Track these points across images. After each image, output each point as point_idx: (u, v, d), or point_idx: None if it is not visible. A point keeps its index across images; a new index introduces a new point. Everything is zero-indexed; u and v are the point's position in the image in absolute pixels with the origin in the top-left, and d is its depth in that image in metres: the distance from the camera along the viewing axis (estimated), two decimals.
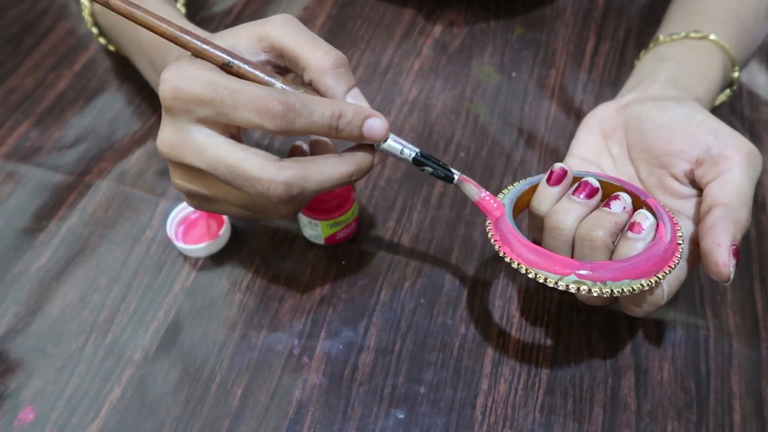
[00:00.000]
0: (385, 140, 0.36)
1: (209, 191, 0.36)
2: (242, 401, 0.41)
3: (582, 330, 0.44)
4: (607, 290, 0.33)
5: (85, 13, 0.53)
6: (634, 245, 0.35)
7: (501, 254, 0.36)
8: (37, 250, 0.48)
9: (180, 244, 0.46)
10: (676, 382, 0.42)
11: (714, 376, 0.42)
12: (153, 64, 0.47)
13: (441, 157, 0.53)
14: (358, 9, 0.64)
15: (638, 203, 0.37)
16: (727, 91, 0.51)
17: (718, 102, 0.51)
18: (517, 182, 0.40)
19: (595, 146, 0.43)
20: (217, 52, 0.33)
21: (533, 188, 0.39)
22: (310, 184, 0.34)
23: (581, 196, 0.36)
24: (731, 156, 0.37)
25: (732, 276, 0.35)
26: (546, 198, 0.38)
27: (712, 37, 0.47)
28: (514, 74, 0.59)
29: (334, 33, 0.62)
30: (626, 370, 0.42)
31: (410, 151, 0.36)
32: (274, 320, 0.44)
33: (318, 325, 0.44)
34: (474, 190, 0.38)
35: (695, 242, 0.38)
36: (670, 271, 0.34)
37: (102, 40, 0.55)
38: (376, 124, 0.34)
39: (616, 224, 0.35)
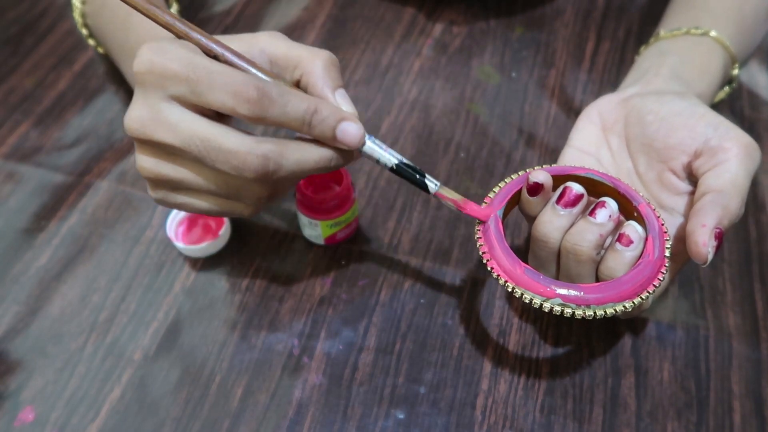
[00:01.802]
0: (361, 146, 0.35)
1: (178, 175, 0.34)
2: (242, 401, 0.41)
3: (582, 330, 0.44)
4: (590, 313, 0.34)
5: (76, 14, 0.52)
6: (622, 258, 0.35)
7: (489, 269, 0.36)
8: (37, 250, 0.48)
9: (180, 244, 0.46)
10: (676, 382, 0.42)
11: (714, 376, 0.42)
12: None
13: (441, 157, 0.53)
14: (358, 9, 0.64)
15: (629, 207, 0.37)
16: (726, 89, 0.51)
17: (717, 99, 0.51)
18: (509, 178, 0.39)
19: (594, 138, 0.43)
20: (209, 43, 0.33)
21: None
22: (287, 162, 0.33)
23: (565, 206, 0.36)
24: (730, 148, 0.37)
25: (710, 258, 0.34)
26: (529, 204, 0.37)
27: (713, 33, 0.47)
28: (514, 74, 0.59)
29: (334, 33, 0.62)
30: (626, 370, 0.42)
31: (387, 161, 0.35)
32: (274, 320, 0.44)
33: (318, 325, 0.44)
34: (452, 206, 0.37)
35: (683, 240, 0.37)
36: (654, 290, 0.34)
37: (92, 42, 0.54)
38: (350, 129, 0.34)
39: (601, 236, 0.35)
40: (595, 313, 0.34)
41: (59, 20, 0.63)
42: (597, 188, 0.37)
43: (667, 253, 0.35)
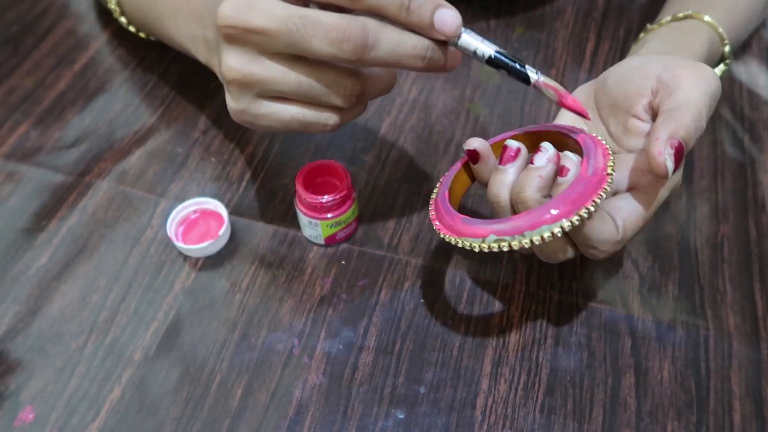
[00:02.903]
0: (458, 36, 0.34)
1: (268, 73, 0.33)
2: (242, 401, 0.41)
3: (582, 330, 0.44)
4: (526, 241, 0.33)
5: None
6: (564, 187, 0.35)
7: (436, 229, 0.37)
8: (37, 250, 0.48)
9: (180, 244, 0.46)
10: (676, 382, 0.42)
11: (714, 376, 0.42)
12: (197, 16, 0.45)
13: (441, 157, 0.53)
14: None
15: (571, 143, 0.37)
16: (722, 67, 0.51)
17: None
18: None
19: (570, 121, 0.43)
20: None
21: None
22: (386, 39, 0.32)
23: (506, 162, 0.37)
24: (680, 75, 0.37)
25: (670, 168, 0.34)
26: (476, 172, 0.39)
27: (696, 14, 0.48)
28: None
29: None
30: (626, 370, 0.42)
31: (484, 51, 0.35)
32: (274, 320, 0.44)
33: (318, 325, 0.44)
34: (554, 95, 0.36)
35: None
36: (593, 205, 0.33)
37: (123, 20, 0.54)
38: (447, 16, 0.33)
39: (541, 177, 0.35)
40: (531, 240, 0.33)
41: (59, 20, 0.63)
42: (541, 139, 0.38)
43: (609, 170, 0.34)
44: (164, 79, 0.58)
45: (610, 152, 0.35)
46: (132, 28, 0.56)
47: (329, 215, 0.45)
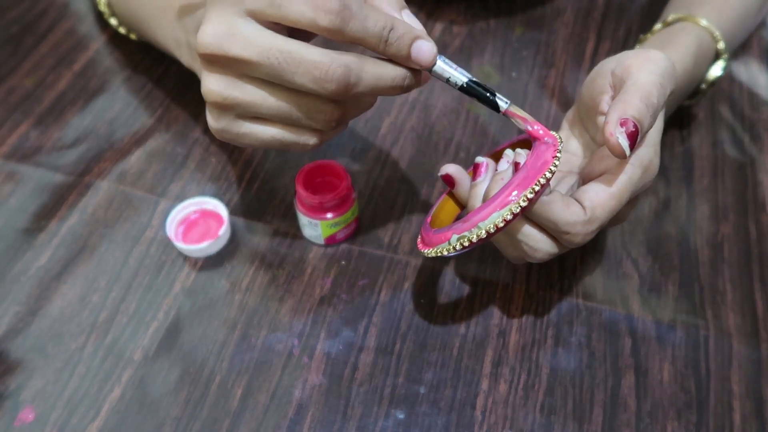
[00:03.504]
0: (433, 65, 0.35)
1: (248, 97, 0.33)
2: (242, 401, 0.41)
3: (582, 330, 0.44)
4: (482, 232, 0.35)
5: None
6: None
7: (419, 249, 0.39)
8: (37, 250, 0.48)
9: (180, 244, 0.46)
10: (676, 382, 0.42)
11: (714, 376, 0.42)
12: (180, 21, 0.45)
13: (441, 157, 0.53)
14: None
15: (528, 146, 0.39)
16: (721, 63, 0.51)
17: (713, 75, 0.51)
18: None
19: (565, 136, 0.45)
20: None
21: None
22: (367, 75, 0.33)
23: (476, 177, 0.39)
24: (630, 64, 0.39)
25: (624, 146, 0.35)
26: (459, 197, 0.41)
27: (687, 16, 0.49)
28: (514, 74, 0.59)
29: None
30: (626, 370, 0.42)
31: (457, 80, 0.36)
32: (274, 320, 0.44)
33: (318, 325, 0.44)
34: (521, 124, 0.37)
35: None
36: (537, 185, 0.34)
37: (113, 21, 0.54)
38: (424, 47, 0.34)
39: (503, 179, 0.37)
40: (485, 230, 0.35)
41: (59, 20, 0.63)
42: (513, 148, 0.40)
43: (557, 154, 0.36)
44: (164, 79, 0.58)
45: (561, 142, 0.37)
46: (122, 30, 0.57)
47: (329, 215, 0.45)
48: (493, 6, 0.64)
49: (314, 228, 0.46)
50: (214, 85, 0.33)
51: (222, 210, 0.48)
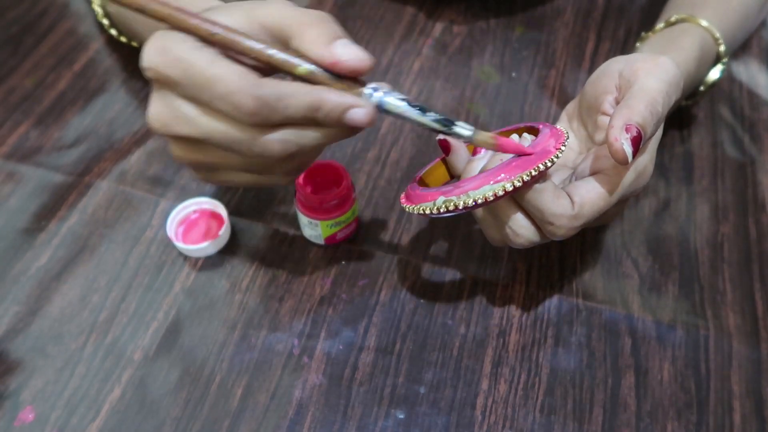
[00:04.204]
0: (373, 123, 0.34)
1: (210, 159, 0.34)
2: (242, 401, 0.41)
3: (582, 330, 0.44)
4: (470, 200, 0.35)
5: (95, 5, 0.52)
6: None
7: (401, 204, 0.39)
8: (37, 250, 0.48)
9: (180, 244, 0.46)
10: (676, 382, 0.42)
11: (714, 376, 0.42)
12: None
13: None
14: (358, 9, 0.64)
15: (534, 133, 0.39)
16: (720, 66, 0.51)
17: (712, 78, 0.51)
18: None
19: (566, 125, 0.45)
20: (201, 24, 0.32)
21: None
22: (307, 145, 0.33)
23: (476, 154, 0.39)
24: (638, 68, 0.39)
25: (628, 152, 0.35)
26: (451, 166, 0.41)
27: (689, 18, 0.49)
28: (514, 74, 0.59)
29: None
30: (626, 370, 0.42)
31: (413, 122, 0.34)
32: (274, 320, 0.44)
33: (318, 325, 0.44)
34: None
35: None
36: (535, 170, 0.35)
37: (113, 32, 0.54)
38: (358, 115, 0.33)
39: (501, 160, 0.37)
40: (474, 199, 0.35)
41: (59, 20, 0.63)
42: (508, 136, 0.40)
43: (560, 146, 0.36)
44: None
45: (566, 137, 0.38)
46: (123, 39, 0.57)
47: (329, 215, 0.45)
48: (493, 6, 0.64)
49: (314, 228, 0.46)
50: (177, 151, 0.35)
51: (222, 210, 0.48)
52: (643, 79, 0.38)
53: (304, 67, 0.33)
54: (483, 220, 0.40)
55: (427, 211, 0.36)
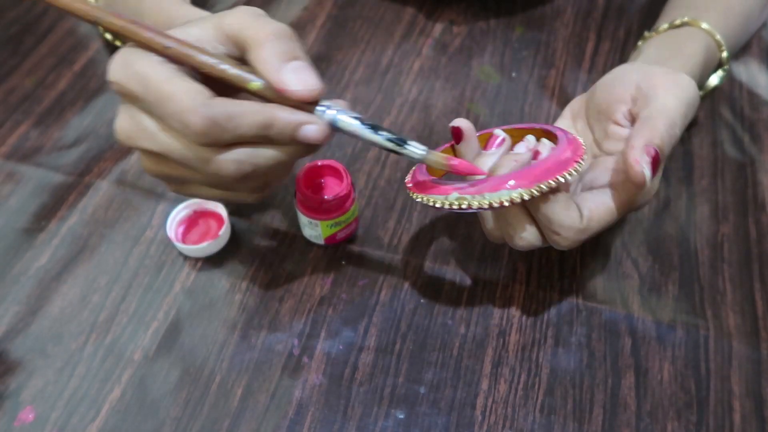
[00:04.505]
0: (328, 139, 0.34)
1: (177, 173, 0.34)
2: (242, 401, 0.41)
3: (582, 330, 0.44)
4: (485, 202, 0.34)
5: None
6: None
7: (407, 190, 0.38)
8: (37, 250, 0.48)
9: (180, 245, 0.46)
10: (676, 382, 0.42)
11: (714, 376, 0.42)
12: None
13: None
14: (358, 9, 0.64)
15: (552, 138, 0.39)
16: (720, 73, 0.51)
17: (711, 84, 0.51)
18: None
19: (565, 128, 0.45)
20: (154, 37, 0.32)
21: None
22: (263, 166, 0.33)
23: (490, 149, 0.39)
24: (658, 84, 0.39)
25: (647, 176, 0.35)
26: (460, 155, 0.40)
27: (693, 21, 0.49)
28: (514, 74, 0.59)
29: (334, 33, 0.62)
30: (626, 370, 0.42)
31: (365, 140, 0.35)
32: (274, 320, 0.44)
33: (318, 325, 0.44)
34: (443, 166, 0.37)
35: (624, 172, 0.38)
36: (555, 181, 0.34)
37: (108, 36, 0.55)
38: (311, 131, 0.33)
39: (516, 162, 0.36)
40: (490, 202, 0.34)
41: (59, 20, 0.63)
42: (527, 134, 0.40)
43: (579, 159, 0.36)
44: None
45: (585, 149, 0.37)
46: (119, 43, 0.57)
47: (329, 215, 0.45)
48: (493, 6, 0.64)
49: (314, 228, 0.46)
50: (146, 163, 0.35)
51: (222, 210, 0.48)
52: (663, 98, 0.38)
53: (256, 83, 0.33)
54: (486, 216, 0.40)
55: (437, 204, 0.36)
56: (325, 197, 0.44)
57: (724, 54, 0.50)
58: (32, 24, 0.63)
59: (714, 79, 0.51)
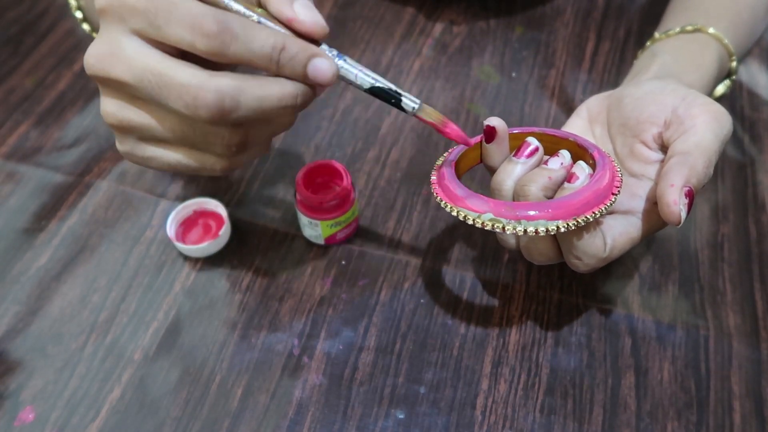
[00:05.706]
0: (333, 82, 0.33)
1: (141, 120, 0.32)
2: (242, 401, 0.41)
3: (582, 330, 0.44)
4: (520, 229, 0.34)
5: None
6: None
7: (434, 195, 0.37)
8: (37, 250, 0.48)
9: (180, 244, 0.46)
10: (676, 382, 0.42)
11: (714, 376, 0.42)
12: None
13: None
14: (358, 9, 0.64)
15: (585, 156, 0.38)
16: (727, 82, 0.51)
17: (718, 93, 0.51)
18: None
19: (580, 129, 0.44)
20: None
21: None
22: (246, 99, 0.30)
23: (521, 157, 0.37)
24: (696, 114, 0.38)
25: (683, 218, 0.34)
26: (487, 152, 0.38)
27: (706, 28, 0.48)
28: (514, 74, 0.59)
29: (334, 33, 0.62)
30: (626, 370, 0.42)
31: (362, 82, 0.34)
32: (274, 320, 0.44)
33: (318, 325, 0.44)
34: (432, 127, 0.36)
35: (654, 201, 0.37)
36: (592, 216, 0.34)
37: (86, 27, 0.53)
38: (322, 66, 0.31)
39: (550, 179, 0.35)
40: (525, 229, 0.34)
41: (59, 20, 0.63)
42: (558, 145, 0.38)
43: (615, 191, 0.35)
44: None
45: (620, 174, 0.36)
46: (95, 35, 0.55)
47: (329, 215, 0.45)
48: (493, 6, 0.64)
49: (314, 228, 0.46)
50: (109, 107, 0.32)
51: (222, 210, 0.48)
52: (702, 133, 0.37)
53: (259, 18, 0.31)
54: None
55: (469, 220, 0.35)
56: (325, 197, 0.44)
57: (734, 63, 0.49)
58: (32, 24, 0.63)
59: (720, 88, 0.51)
